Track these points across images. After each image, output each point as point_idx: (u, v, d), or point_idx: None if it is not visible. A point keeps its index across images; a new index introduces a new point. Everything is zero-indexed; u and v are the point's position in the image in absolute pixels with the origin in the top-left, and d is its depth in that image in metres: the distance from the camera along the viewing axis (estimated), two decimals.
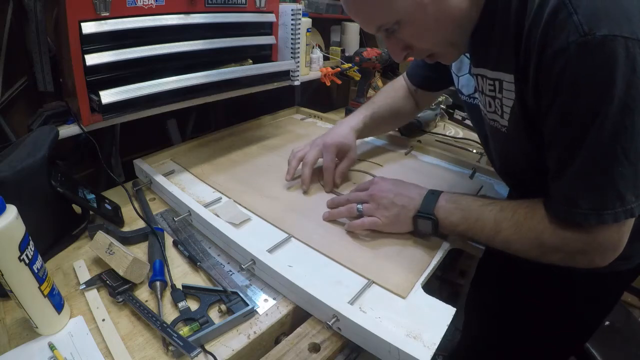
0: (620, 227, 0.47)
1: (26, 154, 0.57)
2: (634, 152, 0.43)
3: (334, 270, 0.58)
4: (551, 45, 0.43)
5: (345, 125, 0.83)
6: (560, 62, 0.42)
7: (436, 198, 0.61)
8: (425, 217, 0.60)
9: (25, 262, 0.43)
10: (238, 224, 0.67)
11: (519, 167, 0.62)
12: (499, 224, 0.55)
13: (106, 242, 0.57)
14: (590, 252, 0.50)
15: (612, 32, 0.39)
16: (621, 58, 0.40)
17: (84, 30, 0.61)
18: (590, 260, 0.50)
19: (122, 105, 0.66)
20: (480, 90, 0.57)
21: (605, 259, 0.50)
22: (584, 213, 0.47)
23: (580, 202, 0.47)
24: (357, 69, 1.24)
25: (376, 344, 0.46)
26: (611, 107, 0.41)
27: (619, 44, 0.39)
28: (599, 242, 0.48)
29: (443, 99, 1.32)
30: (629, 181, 0.44)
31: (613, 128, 0.42)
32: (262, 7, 0.87)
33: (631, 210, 0.45)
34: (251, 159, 0.91)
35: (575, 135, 0.45)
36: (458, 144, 1.12)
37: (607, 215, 0.46)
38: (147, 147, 0.93)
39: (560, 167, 0.48)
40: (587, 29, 0.40)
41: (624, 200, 0.45)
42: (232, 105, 1.20)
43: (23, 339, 0.48)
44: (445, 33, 0.52)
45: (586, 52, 0.41)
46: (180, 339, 0.45)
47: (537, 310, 0.68)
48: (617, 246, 0.49)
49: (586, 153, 0.44)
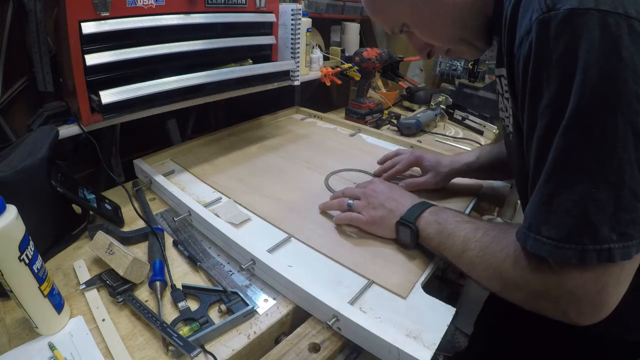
0: (599, 275, 0.35)
1: (26, 154, 0.57)
2: (613, 168, 0.32)
3: (334, 270, 0.58)
4: (519, 29, 0.36)
5: None
6: (524, 51, 0.35)
7: (423, 209, 0.58)
8: (406, 224, 0.58)
9: (25, 262, 0.43)
10: (238, 224, 0.67)
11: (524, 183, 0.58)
12: (466, 243, 0.49)
13: (106, 242, 0.57)
14: (557, 300, 0.39)
15: (584, 4, 0.31)
16: (592, 36, 0.31)
17: (84, 30, 0.61)
18: (562, 312, 0.39)
19: (122, 105, 0.66)
20: (500, 92, 0.54)
21: (581, 315, 0.38)
22: (540, 240, 0.37)
23: (540, 226, 0.37)
24: (357, 69, 1.24)
25: (376, 344, 0.46)
26: (580, 104, 0.32)
27: (591, 18, 0.30)
28: (567, 288, 0.37)
29: (443, 98, 1.32)
30: (603, 207, 0.33)
31: (584, 132, 0.33)
32: (262, 7, 0.87)
33: (609, 251, 0.33)
34: (251, 159, 0.91)
35: (543, 141, 0.36)
36: (458, 144, 1.12)
37: (568, 249, 0.35)
38: (147, 147, 0.93)
39: (532, 182, 0.39)
40: (551, 3, 0.32)
41: (597, 235, 0.33)
42: (232, 105, 1.20)
43: (23, 339, 0.48)
44: (448, 29, 0.51)
45: (547, 32, 0.32)
46: (180, 339, 0.45)
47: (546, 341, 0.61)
48: (596, 300, 0.36)
49: (550, 164, 0.35)
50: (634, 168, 0.32)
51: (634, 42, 0.30)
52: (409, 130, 1.15)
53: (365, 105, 1.24)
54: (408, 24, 0.53)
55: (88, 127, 0.70)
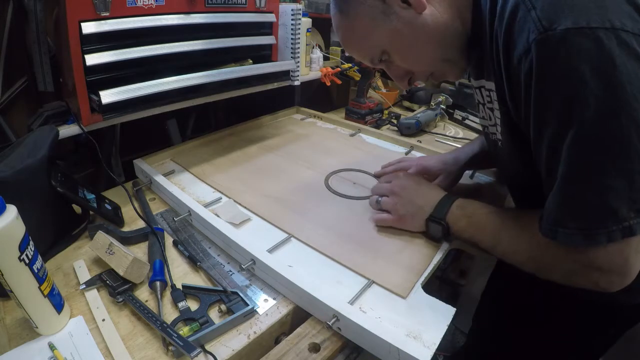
0: (623, 247, 0.40)
1: (26, 154, 0.57)
2: (624, 160, 0.37)
3: (334, 270, 0.58)
4: (515, 48, 0.39)
5: None
6: (525, 68, 0.38)
7: (450, 203, 0.60)
8: (437, 222, 0.60)
9: (25, 262, 0.43)
10: (238, 224, 0.67)
11: (519, 182, 0.60)
12: (497, 235, 0.54)
13: (106, 242, 0.57)
14: (588, 274, 0.44)
15: (577, 23, 0.34)
16: (588, 53, 0.34)
17: (84, 30, 0.61)
18: (594, 284, 0.44)
19: (122, 105, 0.66)
20: (482, 102, 0.56)
21: (611, 283, 0.43)
22: (569, 233, 0.42)
23: (567, 221, 0.42)
24: (357, 69, 1.24)
25: (376, 344, 0.46)
26: (586, 113, 0.36)
27: (585, 36, 0.34)
28: (597, 264, 0.42)
29: (443, 98, 1.32)
30: (620, 194, 0.38)
31: (593, 136, 0.37)
32: (262, 7, 0.87)
33: (630, 227, 0.38)
34: (251, 159, 0.91)
35: (554, 148, 0.40)
36: (458, 144, 1.12)
37: (598, 235, 0.40)
38: (147, 147, 0.93)
39: (548, 182, 0.43)
40: (547, 24, 0.35)
41: (618, 216, 0.38)
42: (232, 105, 1.20)
43: (23, 339, 0.48)
44: (431, 50, 0.52)
45: (547, 51, 0.36)
46: (180, 339, 0.45)
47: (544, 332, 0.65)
48: (624, 269, 0.42)
49: (566, 167, 0.39)
50: None
51: (622, 50, 0.34)
52: (409, 130, 1.15)
53: (365, 105, 1.24)
54: (388, 51, 0.53)
55: (88, 127, 0.70)
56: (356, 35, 0.54)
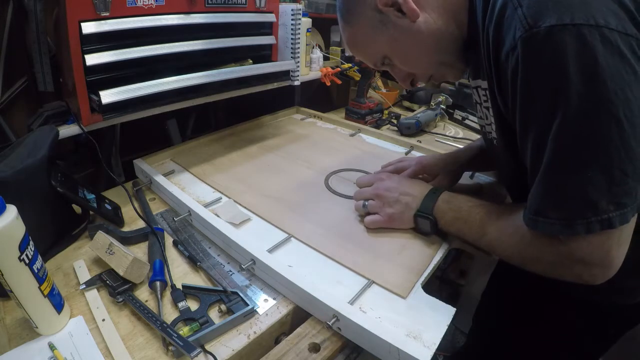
0: (604, 240, 0.41)
1: (26, 154, 0.57)
2: (603, 155, 0.38)
3: (334, 270, 0.58)
4: (503, 45, 0.40)
5: None
6: (512, 64, 0.39)
7: (436, 197, 0.61)
8: (424, 216, 0.61)
9: (25, 262, 0.43)
10: (238, 224, 0.67)
11: (515, 181, 0.60)
12: (483, 227, 0.55)
13: (106, 242, 0.57)
14: (571, 266, 0.45)
15: (561, 20, 0.35)
16: (572, 49, 0.35)
17: (84, 30, 0.61)
18: (577, 276, 0.45)
19: (122, 105, 0.66)
20: (479, 102, 0.57)
21: (594, 276, 0.44)
22: (549, 222, 0.43)
23: (548, 211, 0.43)
24: (357, 69, 1.24)
25: (376, 344, 0.46)
26: (569, 109, 0.37)
27: (568, 33, 0.35)
28: (579, 256, 0.43)
29: (443, 98, 1.32)
30: (600, 187, 0.39)
31: (575, 130, 0.38)
32: (262, 7, 0.87)
33: (609, 220, 0.39)
34: (251, 159, 0.91)
35: (538, 142, 0.41)
36: (458, 144, 1.12)
37: (575, 225, 0.41)
38: (147, 147, 0.93)
39: (531, 175, 0.45)
40: (532, 22, 0.36)
41: (597, 208, 0.39)
42: (232, 105, 1.20)
43: (23, 339, 0.48)
44: (427, 55, 0.54)
45: (532, 48, 0.37)
46: (180, 339, 0.45)
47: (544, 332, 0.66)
48: (606, 262, 0.43)
49: (548, 158, 0.41)
50: (620, 151, 0.37)
51: (605, 47, 0.35)
52: (409, 130, 1.15)
53: (365, 105, 1.25)
54: (389, 56, 0.57)
55: (88, 127, 0.70)
56: (359, 43, 0.59)
